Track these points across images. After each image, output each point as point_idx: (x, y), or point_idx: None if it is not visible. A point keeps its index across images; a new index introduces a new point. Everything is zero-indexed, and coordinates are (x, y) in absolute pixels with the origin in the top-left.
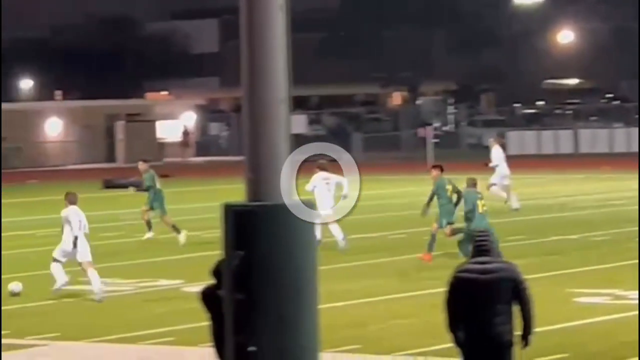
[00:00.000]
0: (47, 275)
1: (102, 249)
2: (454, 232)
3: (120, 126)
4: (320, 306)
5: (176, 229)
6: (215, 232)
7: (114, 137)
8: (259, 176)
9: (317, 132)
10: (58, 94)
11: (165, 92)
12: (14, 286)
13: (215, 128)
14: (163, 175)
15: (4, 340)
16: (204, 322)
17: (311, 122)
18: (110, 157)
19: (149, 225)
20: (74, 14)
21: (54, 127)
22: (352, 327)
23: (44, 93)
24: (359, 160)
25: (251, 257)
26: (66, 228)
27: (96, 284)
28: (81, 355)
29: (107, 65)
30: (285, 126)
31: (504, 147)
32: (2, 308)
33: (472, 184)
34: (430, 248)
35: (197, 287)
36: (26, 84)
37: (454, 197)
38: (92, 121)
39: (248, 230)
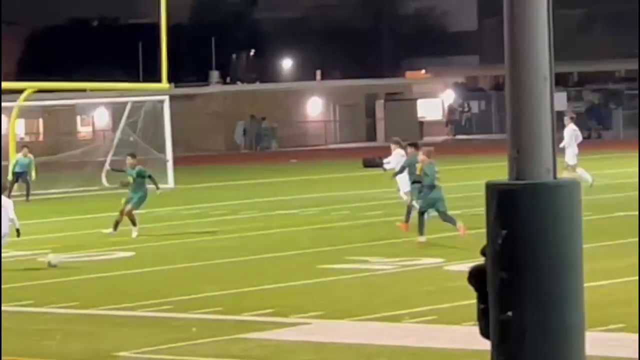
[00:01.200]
0: (316, 252)
1: (363, 229)
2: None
3: (380, 105)
4: (585, 284)
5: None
6: (477, 211)
7: (374, 116)
8: (522, 154)
9: (577, 109)
10: (318, 73)
11: (423, 71)
12: (52, 257)
13: (474, 106)
14: None
15: (269, 318)
16: (467, 301)
17: (571, 99)
18: (371, 136)
19: (133, 222)
20: None
21: (314, 107)
22: (618, 306)
23: (303, 73)
24: (619, 137)
25: (515, 236)
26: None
27: None
28: (346, 333)
29: (365, 44)
30: (549, 104)
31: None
32: (263, 287)
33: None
34: (407, 218)
35: (459, 266)
36: (286, 63)
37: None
38: (352, 100)
39: (511, 208)
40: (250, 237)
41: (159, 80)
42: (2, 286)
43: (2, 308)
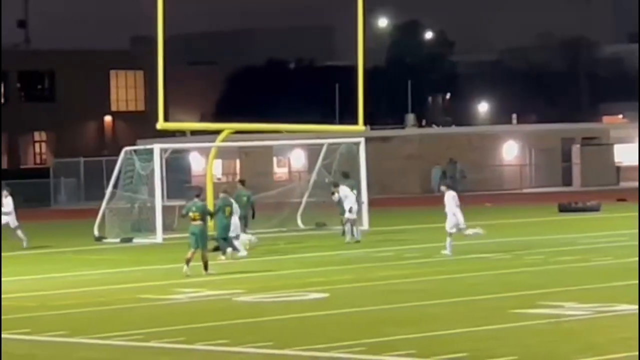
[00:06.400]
0: (509, 297)
1: (558, 274)
2: None
3: (576, 150)
4: None
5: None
6: None
7: (570, 161)
8: None
9: None
10: (514, 117)
11: (621, 116)
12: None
13: None
14: (620, 200)
15: None
16: None
17: None
18: (567, 181)
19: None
20: (529, 36)
21: (509, 151)
22: None
23: (499, 116)
24: None
25: None
26: None
27: None
28: None
29: (562, 88)
30: None
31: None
32: (455, 330)
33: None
34: None
35: None
36: (482, 106)
37: None
38: (548, 145)
39: None
40: (444, 281)
41: (355, 122)
42: (198, 325)
43: (198, 347)
